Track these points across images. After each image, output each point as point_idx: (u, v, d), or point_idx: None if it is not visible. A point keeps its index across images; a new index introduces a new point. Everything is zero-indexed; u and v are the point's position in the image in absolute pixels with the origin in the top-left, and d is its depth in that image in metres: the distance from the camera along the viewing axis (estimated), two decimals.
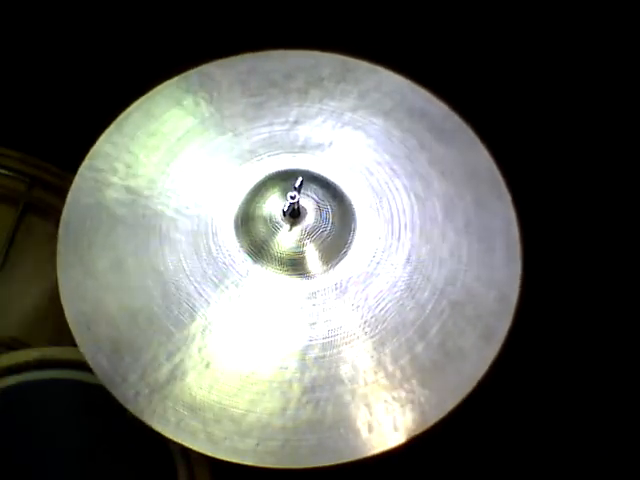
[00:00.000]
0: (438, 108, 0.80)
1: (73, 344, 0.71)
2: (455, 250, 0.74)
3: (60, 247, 0.73)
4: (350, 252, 0.73)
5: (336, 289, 0.72)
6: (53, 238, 0.73)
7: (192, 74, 0.81)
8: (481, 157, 0.79)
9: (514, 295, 0.72)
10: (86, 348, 0.70)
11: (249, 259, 0.73)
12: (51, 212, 0.90)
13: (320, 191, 0.74)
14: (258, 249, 0.73)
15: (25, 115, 1.10)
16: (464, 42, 1.10)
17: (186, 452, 0.72)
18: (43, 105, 1.11)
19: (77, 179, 0.76)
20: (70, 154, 0.79)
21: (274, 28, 1.09)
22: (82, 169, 0.77)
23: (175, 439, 0.67)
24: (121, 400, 0.68)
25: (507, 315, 0.71)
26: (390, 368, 0.70)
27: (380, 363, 0.70)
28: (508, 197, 0.76)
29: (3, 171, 0.91)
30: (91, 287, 0.72)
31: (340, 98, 0.80)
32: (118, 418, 0.68)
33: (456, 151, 0.79)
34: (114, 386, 0.68)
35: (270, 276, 0.72)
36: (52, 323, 0.85)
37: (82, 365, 0.72)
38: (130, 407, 0.68)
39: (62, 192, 0.89)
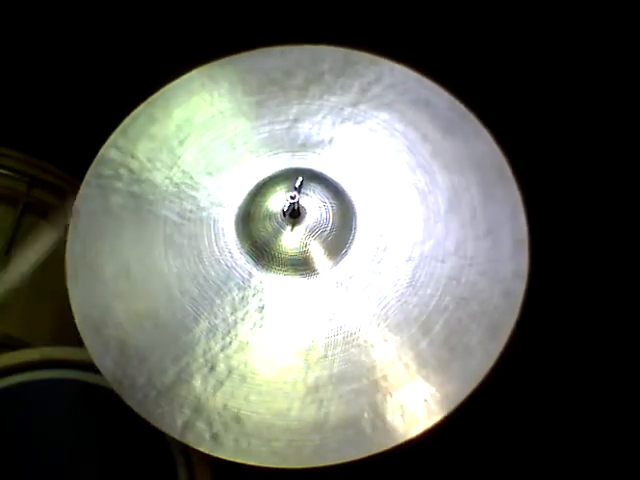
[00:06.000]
0: (442, 98, 0.79)
1: (73, 344, 0.72)
2: (460, 244, 0.73)
3: (68, 254, 0.74)
4: (352, 250, 0.73)
5: (338, 288, 0.72)
6: (53, 238, 0.74)
7: (193, 75, 0.81)
8: (487, 147, 0.77)
9: (520, 290, 0.71)
10: (95, 352, 0.71)
11: (251, 260, 0.73)
12: (51, 212, 0.90)
13: (320, 190, 0.74)
14: (260, 250, 0.73)
15: (25, 115, 1.11)
16: (467, 30, 1.08)
17: (186, 452, 0.72)
18: (44, 105, 1.11)
19: (84, 186, 0.77)
20: (70, 155, 0.80)
21: (272, 23, 1.09)
22: (89, 176, 0.78)
23: (181, 441, 0.67)
24: (130, 403, 0.69)
25: (513, 311, 0.70)
26: (394, 366, 0.69)
27: (384, 361, 0.69)
28: (515, 188, 0.75)
29: (3, 171, 0.92)
30: (99, 293, 0.73)
31: (341, 93, 0.79)
32: (118, 418, 0.69)
33: (461, 142, 0.77)
34: (123, 389, 0.69)
35: (272, 277, 0.72)
36: (52, 323, 0.86)
37: (82, 365, 0.73)
38: (138, 410, 0.69)
39: (62, 192, 0.91)
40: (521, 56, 1.09)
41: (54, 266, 0.74)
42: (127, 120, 0.79)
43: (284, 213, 0.73)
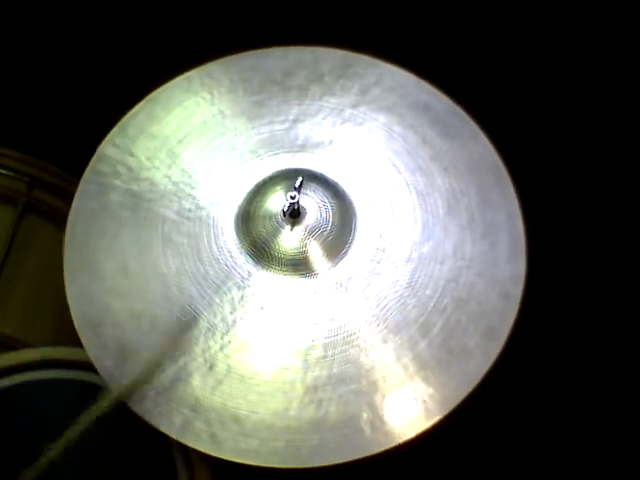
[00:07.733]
0: (441, 102, 0.80)
1: (73, 344, 0.72)
2: (458, 246, 0.73)
3: (66, 252, 0.74)
4: (351, 251, 0.73)
5: (338, 288, 0.72)
6: (53, 238, 0.74)
7: (193, 74, 0.81)
8: (485, 151, 0.78)
9: (518, 292, 0.71)
10: (93, 351, 0.71)
11: (250, 260, 0.73)
12: (51, 212, 0.90)
13: (320, 190, 0.74)
14: (259, 250, 0.73)
15: (25, 115, 1.11)
16: (467, 35, 1.09)
17: (186, 452, 0.71)
18: (44, 105, 1.12)
19: (82, 183, 0.77)
20: (71, 154, 0.80)
21: (273, 24, 1.09)
22: (87, 173, 0.78)
23: (179, 440, 0.68)
24: (127, 402, 0.68)
25: (511, 312, 0.71)
26: (393, 366, 0.69)
27: (383, 361, 0.70)
28: (512, 192, 0.76)
29: (3, 171, 0.92)
30: (97, 291, 0.73)
31: (341, 94, 0.80)
32: (118, 418, 0.69)
33: (459, 145, 0.78)
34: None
35: (272, 277, 0.72)
36: (52, 323, 0.86)
37: (82, 365, 0.73)
38: (136, 409, 0.69)
39: (62, 192, 0.91)
40: (520, 61, 1.10)
41: (54, 266, 0.73)
42: (126, 118, 0.79)
43: (284, 213, 0.73)
